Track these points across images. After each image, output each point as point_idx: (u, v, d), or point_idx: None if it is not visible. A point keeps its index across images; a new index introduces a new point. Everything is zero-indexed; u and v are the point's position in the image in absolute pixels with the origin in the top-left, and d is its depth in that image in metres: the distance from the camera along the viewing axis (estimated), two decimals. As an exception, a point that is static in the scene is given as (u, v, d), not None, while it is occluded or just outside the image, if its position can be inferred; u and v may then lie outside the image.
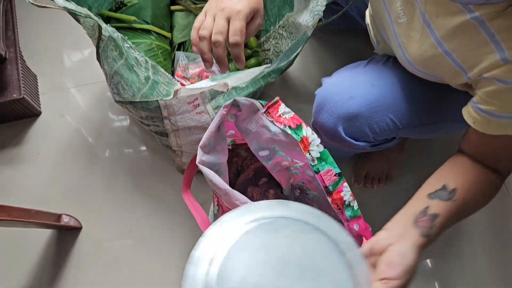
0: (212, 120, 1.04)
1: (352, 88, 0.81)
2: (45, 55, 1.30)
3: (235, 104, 0.82)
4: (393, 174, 1.15)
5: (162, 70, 0.84)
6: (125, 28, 1.03)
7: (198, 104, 1.02)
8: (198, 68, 1.04)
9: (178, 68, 1.04)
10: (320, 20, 0.92)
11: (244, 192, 1.01)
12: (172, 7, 1.10)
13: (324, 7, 0.94)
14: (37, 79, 1.26)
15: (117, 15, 1.02)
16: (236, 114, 0.85)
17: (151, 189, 1.16)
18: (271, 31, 1.18)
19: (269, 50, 1.20)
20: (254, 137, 0.84)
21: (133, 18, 1.01)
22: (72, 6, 0.86)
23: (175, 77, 1.03)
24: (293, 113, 0.82)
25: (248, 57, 1.20)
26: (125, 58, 0.90)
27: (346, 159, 1.19)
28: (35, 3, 0.77)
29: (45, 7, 0.79)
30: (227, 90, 0.87)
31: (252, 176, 1.00)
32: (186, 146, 1.07)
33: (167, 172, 1.17)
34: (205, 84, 0.90)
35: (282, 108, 0.82)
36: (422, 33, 0.67)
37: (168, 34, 1.07)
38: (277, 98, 0.82)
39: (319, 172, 0.71)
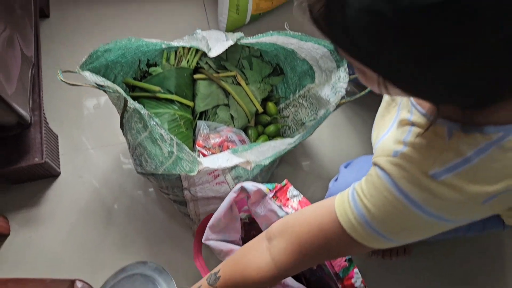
0: (231, 190, 1.04)
1: None
2: (66, 116, 1.32)
3: (243, 190, 0.83)
4: (411, 249, 1.13)
5: (187, 148, 0.85)
6: (149, 97, 1.04)
7: (218, 174, 1.02)
8: (219, 138, 1.05)
9: (199, 137, 1.05)
10: (343, 97, 0.93)
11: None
12: (195, 76, 1.12)
13: (346, 85, 0.95)
14: (58, 140, 1.27)
15: (143, 84, 1.04)
16: (247, 197, 0.86)
17: (166, 255, 1.14)
18: (291, 99, 1.20)
19: (288, 117, 1.22)
20: (264, 220, 0.84)
21: (157, 88, 1.03)
22: (101, 81, 0.88)
23: (196, 146, 1.04)
24: (301, 195, 0.82)
25: (267, 124, 1.22)
26: (149, 131, 0.91)
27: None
28: (67, 81, 0.80)
29: (76, 85, 0.81)
30: (250, 167, 0.87)
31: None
32: (204, 215, 1.06)
33: (183, 239, 1.16)
34: (227, 160, 0.90)
35: (291, 191, 0.83)
36: (391, 117, 0.67)
37: (190, 103, 1.08)
38: (285, 181, 0.82)
39: (327, 257, 0.69)
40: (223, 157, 0.93)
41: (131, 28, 1.49)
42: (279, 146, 0.96)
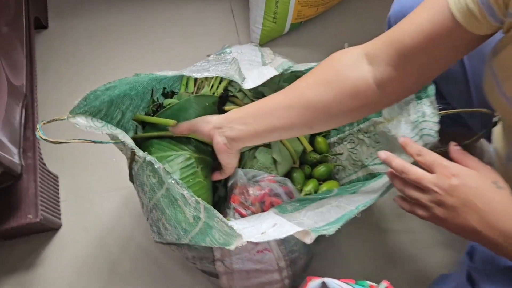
0: (276, 259, 0.80)
1: None
2: (68, 152, 1.09)
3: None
4: None
5: (220, 216, 0.60)
6: (161, 137, 0.81)
7: (260, 240, 0.77)
8: (260, 191, 0.80)
9: (235, 190, 0.81)
10: (437, 146, 0.68)
11: None
12: (226, 107, 0.88)
13: (437, 126, 0.70)
14: (58, 182, 1.04)
15: (154, 119, 0.81)
16: None
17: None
18: (347, 133, 0.94)
19: (341, 154, 0.97)
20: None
21: (173, 122, 0.78)
22: (99, 127, 0.65)
23: (231, 203, 0.80)
24: None
25: (315, 164, 0.97)
26: (166, 188, 0.67)
27: None
28: (47, 139, 0.56)
29: (60, 142, 0.58)
30: (311, 240, 0.62)
31: None
32: (242, 290, 0.82)
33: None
34: (273, 225, 0.66)
35: None
36: None
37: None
38: (386, 284, 0.58)
39: None
40: (268, 222, 0.69)
41: (145, 37, 1.26)
42: (345, 206, 0.71)
